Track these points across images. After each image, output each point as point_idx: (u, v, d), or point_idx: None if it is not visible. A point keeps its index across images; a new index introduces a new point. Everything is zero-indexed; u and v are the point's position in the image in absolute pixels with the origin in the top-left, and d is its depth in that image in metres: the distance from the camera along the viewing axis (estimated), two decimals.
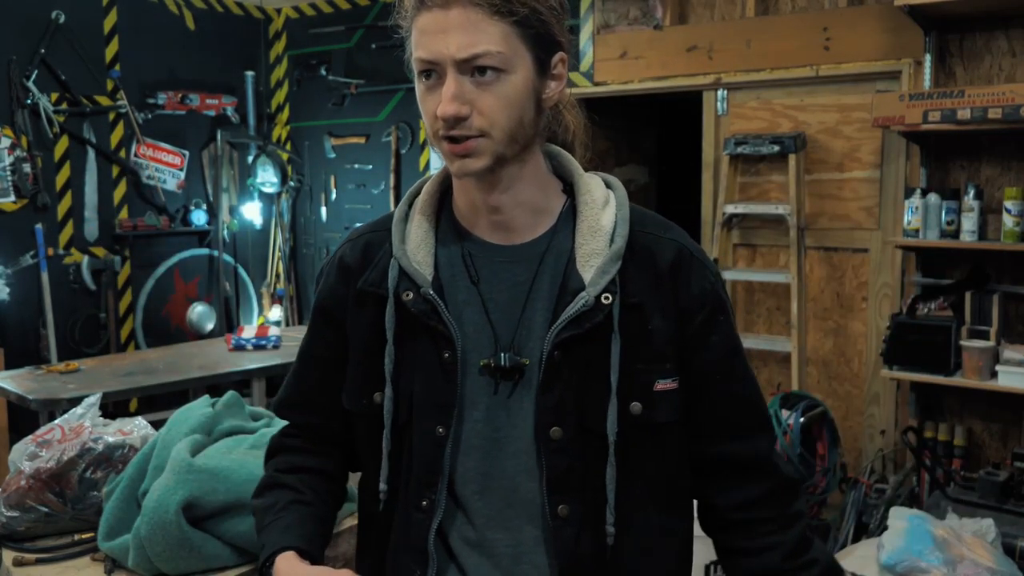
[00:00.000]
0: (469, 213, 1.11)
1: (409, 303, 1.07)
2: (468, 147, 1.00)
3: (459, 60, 0.97)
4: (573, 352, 1.04)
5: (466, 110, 0.98)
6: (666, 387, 1.07)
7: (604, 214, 1.09)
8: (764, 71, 3.66)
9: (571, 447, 1.04)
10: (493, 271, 1.09)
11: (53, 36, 4.52)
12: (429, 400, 1.08)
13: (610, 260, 1.05)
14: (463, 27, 0.96)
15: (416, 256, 1.10)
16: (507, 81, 0.99)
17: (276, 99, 5.70)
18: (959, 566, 2.32)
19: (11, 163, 4.36)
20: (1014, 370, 2.93)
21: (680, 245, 1.10)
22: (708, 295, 1.09)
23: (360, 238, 1.18)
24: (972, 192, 3.07)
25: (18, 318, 4.46)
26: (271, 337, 4.07)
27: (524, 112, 1.02)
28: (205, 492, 1.49)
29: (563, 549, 1.04)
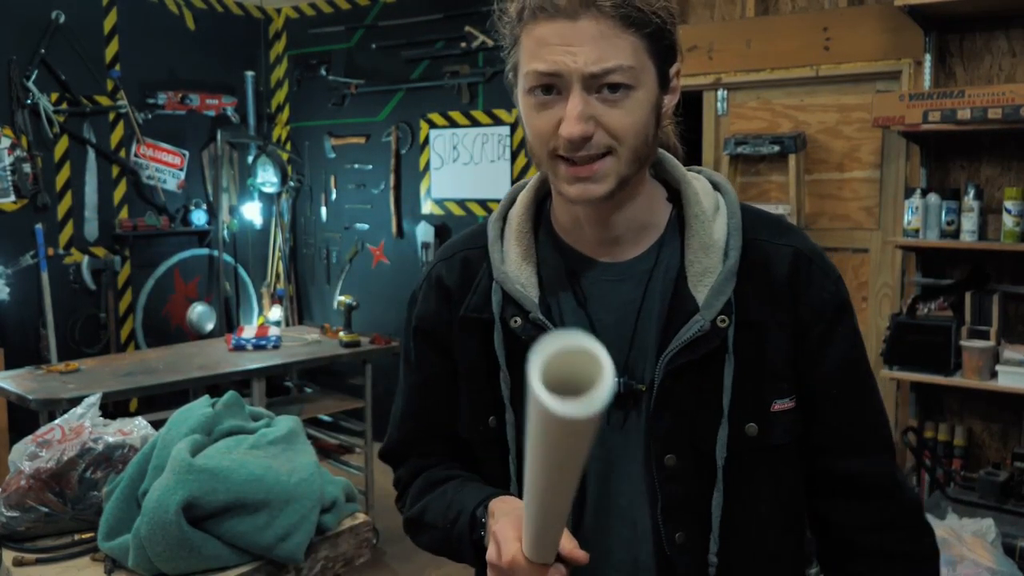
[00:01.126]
0: (572, 229, 1.04)
1: (517, 330, 1.01)
2: (592, 171, 0.92)
3: (588, 75, 0.89)
4: (685, 378, 0.98)
5: (592, 129, 0.90)
6: (783, 407, 1.00)
7: (715, 226, 1.01)
8: (764, 71, 3.66)
9: (686, 474, 0.99)
10: (600, 290, 1.02)
11: (53, 36, 4.52)
12: None
13: (725, 279, 0.97)
14: (593, 40, 0.88)
15: (519, 278, 1.03)
16: (634, 98, 0.91)
17: (276, 99, 5.70)
18: (959, 566, 2.32)
19: (11, 163, 4.36)
20: (1014, 370, 2.93)
21: (796, 250, 1.01)
22: (827, 304, 1.01)
23: (455, 256, 1.11)
24: (972, 192, 3.07)
25: (18, 318, 4.46)
26: (271, 337, 4.07)
27: (648, 129, 0.94)
28: (205, 492, 1.49)
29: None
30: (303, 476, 1.61)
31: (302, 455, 1.67)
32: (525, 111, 0.96)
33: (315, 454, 1.72)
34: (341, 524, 1.75)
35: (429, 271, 1.14)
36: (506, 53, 0.98)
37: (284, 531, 1.57)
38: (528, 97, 0.94)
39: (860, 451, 1.04)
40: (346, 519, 1.77)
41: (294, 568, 1.63)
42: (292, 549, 1.58)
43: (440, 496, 1.09)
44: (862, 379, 1.05)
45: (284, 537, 1.57)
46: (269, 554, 1.57)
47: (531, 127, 0.95)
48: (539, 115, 0.93)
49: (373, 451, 4.15)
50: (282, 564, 1.60)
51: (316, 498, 1.62)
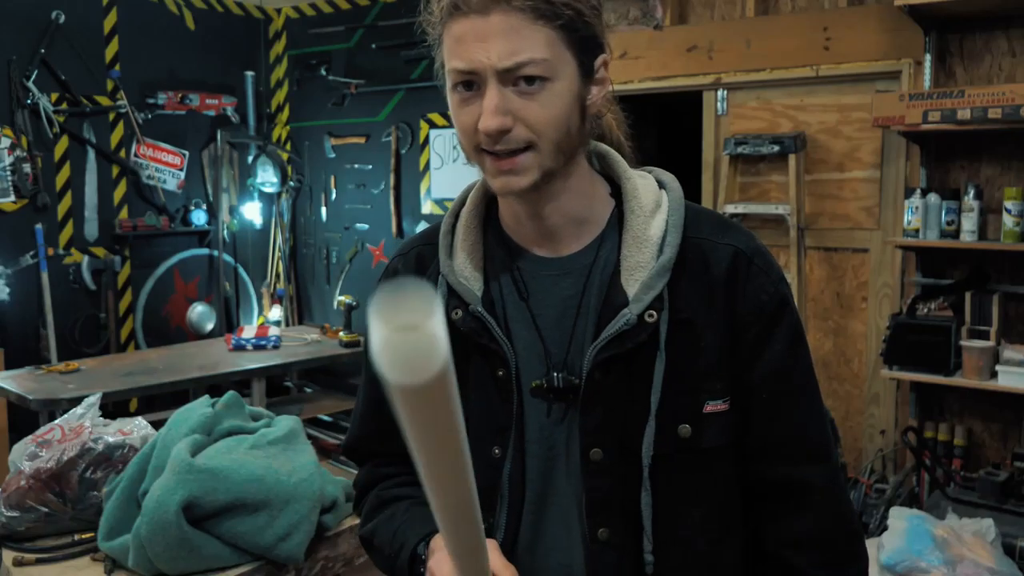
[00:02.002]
0: (515, 224, 1.06)
1: (458, 321, 1.02)
2: (514, 163, 0.93)
3: (501, 70, 0.90)
4: (615, 371, 0.98)
5: (509, 122, 0.92)
6: (716, 409, 0.99)
7: (653, 222, 1.01)
8: (764, 71, 3.66)
9: (612, 470, 0.99)
10: (542, 285, 1.03)
11: (53, 36, 4.52)
12: (485, 421, 1.03)
13: (656, 274, 0.97)
14: (504, 34, 0.90)
15: (463, 272, 1.04)
16: (552, 89, 0.92)
17: (276, 99, 5.70)
18: (959, 566, 2.32)
19: (11, 163, 4.36)
20: (1014, 370, 2.93)
21: (736, 250, 1.00)
22: (764, 306, 0.99)
23: (411, 251, 1.13)
24: (972, 192, 3.07)
25: (18, 318, 4.46)
26: (271, 337, 4.07)
27: (571, 121, 0.95)
28: (205, 492, 1.49)
29: (603, 573, 1.00)
30: (303, 476, 1.61)
31: (302, 455, 1.67)
32: (452, 108, 0.97)
33: (315, 454, 1.72)
34: (341, 524, 1.75)
35: (387, 266, 1.16)
36: (433, 52, 1.00)
37: (284, 531, 1.57)
38: (452, 94, 0.96)
39: (789, 459, 1.02)
40: (346, 519, 1.77)
41: (294, 568, 1.63)
42: (292, 549, 1.58)
43: (388, 520, 1.11)
44: (798, 385, 1.02)
45: (284, 537, 1.57)
46: (269, 554, 1.57)
47: (456, 123, 0.97)
48: (462, 111, 0.95)
49: None
50: (282, 564, 1.60)
51: (316, 498, 1.62)
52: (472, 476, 0.75)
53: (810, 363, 1.05)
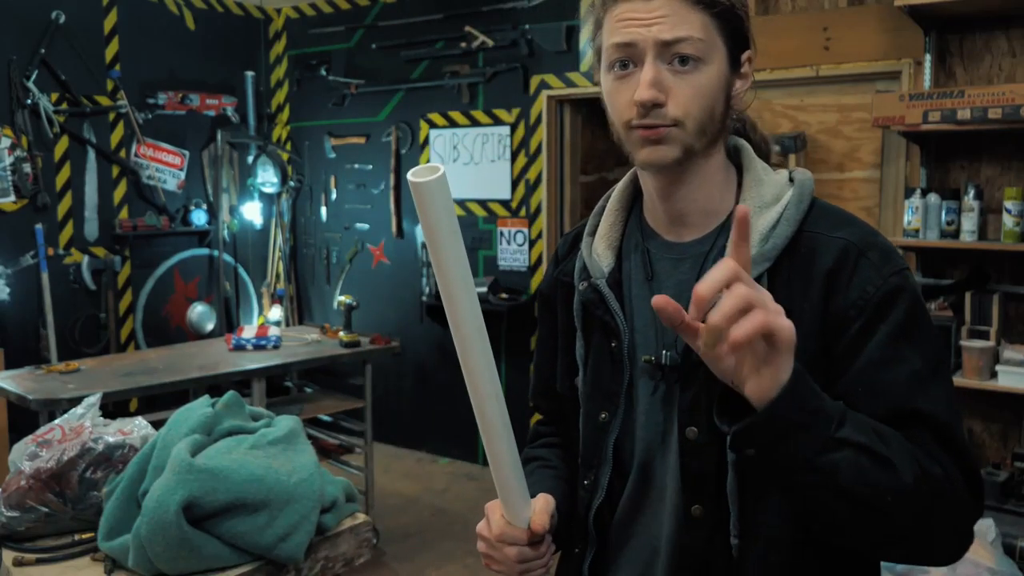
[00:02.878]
0: (651, 209, 1.12)
1: (581, 292, 1.11)
2: (661, 134, 0.98)
3: (662, 42, 0.96)
4: None
5: (663, 97, 0.97)
6: None
7: (765, 214, 1.03)
8: (764, 71, 3.66)
9: (706, 450, 1.00)
10: (664, 268, 1.09)
11: (53, 36, 4.52)
12: (597, 386, 1.11)
13: (754, 261, 0.98)
14: (666, 15, 0.97)
15: (597, 248, 1.13)
16: (703, 71, 0.99)
17: (276, 99, 5.70)
18: (959, 566, 2.32)
19: (11, 163, 4.36)
20: (1014, 370, 2.93)
21: (846, 243, 0.98)
22: (869, 299, 0.95)
23: (572, 232, 1.23)
24: (972, 192, 3.07)
25: (18, 318, 4.46)
26: (271, 337, 4.07)
27: (716, 105, 1.01)
28: (205, 492, 1.49)
29: (691, 551, 1.02)
30: (303, 476, 1.61)
31: (302, 455, 1.67)
32: (606, 88, 1.03)
33: (315, 454, 1.72)
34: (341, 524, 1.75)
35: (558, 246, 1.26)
36: (591, 40, 1.07)
37: (284, 531, 1.57)
38: (608, 74, 1.02)
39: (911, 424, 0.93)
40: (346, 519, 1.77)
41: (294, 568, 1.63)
42: (292, 549, 1.58)
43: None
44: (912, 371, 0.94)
45: (284, 537, 1.57)
46: (269, 554, 1.57)
47: (611, 102, 1.03)
48: (617, 89, 1.01)
49: (373, 451, 4.15)
50: (282, 564, 1.60)
51: (316, 498, 1.62)
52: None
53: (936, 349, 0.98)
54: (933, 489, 0.89)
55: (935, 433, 0.92)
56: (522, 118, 4.65)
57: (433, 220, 0.89)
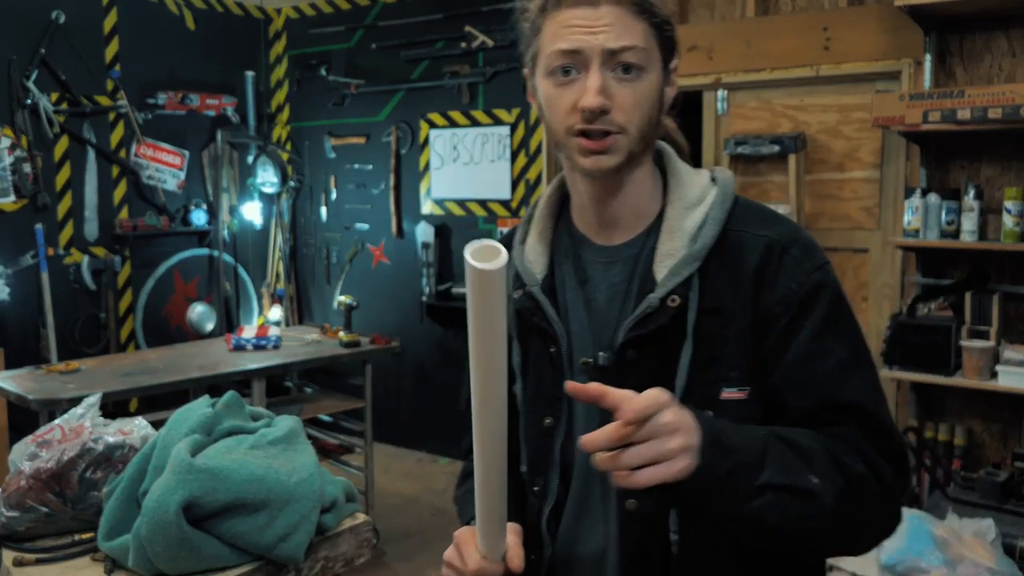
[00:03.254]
0: (580, 212, 1.14)
1: (517, 301, 1.12)
2: (605, 144, 1.00)
3: (608, 50, 0.98)
4: (646, 352, 1.04)
5: (609, 104, 0.99)
6: (732, 396, 1.01)
7: (691, 214, 1.06)
8: (764, 71, 3.66)
9: None
10: (596, 272, 1.11)
11: (53, 36, 4.52)
12: (539, 392, 1.13)
13: (684, 262, 1.02)
14: (612, 23, 0.99)
15: (529, 256, 1.14)
16: (645, 79, 1.01)
17: (276, 99, 5.70)
18: (959, 566, 2.32)
19: (11, 163, 4.36)
20: (1014, 370, 2.93)
21: (770, 240, 1.03)
22: (794, 296, 1.00)
23: (504, 239, 1.23)
24: (972, 192, 3.07)
25: (18, 318, 4.46)
26: (271, 337, 4.07)
27: (654, 112, 1.04)
28: (205, 492, 1.49)
29: (628, 545, 1.05)
30: (303, 476, 1.61)
31: (302, 455, 1.67)
32: (545, 93, 1.04)
33: (315, 454, 1.71)
34: (341, 524, 1.75)
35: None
36: (524, 47, 1.08)
37: (284, 531, 1.57)
38: (548, 79, 1.03)
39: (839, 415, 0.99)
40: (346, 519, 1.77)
41: (294, 568, 1.63)
42: (292, 549, 1.58)
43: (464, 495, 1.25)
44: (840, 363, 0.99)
45: (284, 537, 1.57)
46: (269, 554, 1.57)
47: (551, 107, 1.04)
48: (559, 95, 1.02)
49: (373, 451, 4.15)
50: (282, 564, 1.60)
51: (316, 498, 1.62)
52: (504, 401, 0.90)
53: (857, 340, 1.02)
54: (857, 496, 0.94)
55: (861, 421, 0.98)
56: (522, 118, 4.65)
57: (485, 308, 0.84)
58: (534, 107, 1.11)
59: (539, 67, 1.05)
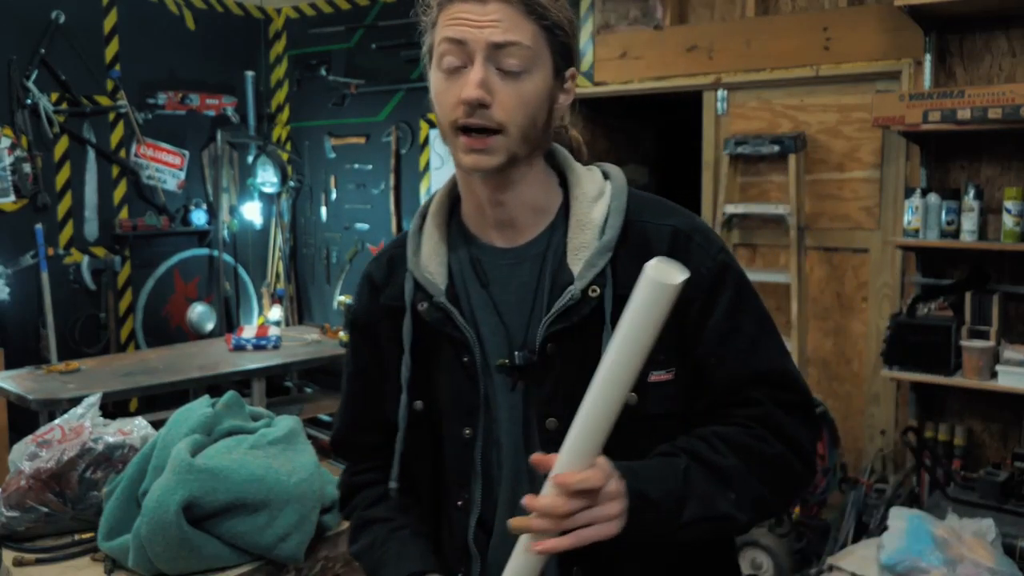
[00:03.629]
0: (476, 216, 1.13)
1: (424, 313, 1.10)
2: (485, 143, 1.01)
3: (492, 44, 0.99)
4: (567, 345, 1.06)
5: (489, 98, 1.00)
6: (660, 379, 1.06)
7: (595, 207, 1.09)
8: (764, 71, 3.66)
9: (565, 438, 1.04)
10: (501, 274, 1.11)
11: (53, 36, 4.52)
12: (455, 403, 1.11)
13: (598, 253, 1.06)
14: (499, 19, 1.00)
15: (429, 267, 1.12)
16: (529, 80, 1.02)
17: (276, 99, 5.70)
18: (959, 566, 2.32)
19: (11, 163, 4.36)
20: (1014, 370, 2.93)
21: (674, 229, 1.08)
22: (705, 278, 1.06)
23: (384, 255, 1.22)
24: (972, 192, 3.07)
25: (18, 318, 4.46)
26: (271, 337, 4.07)
27: (538, 114, 1.04)
28: (205, 492, 1.49)
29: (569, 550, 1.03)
30: (303, 476, 1.61)
31: (302, 455, 1.67)
32: (434, 85, 1.05)
33: (315, 454, 1.72)
34: (341, 524, 1.75)
35: (364, 271, 1.25)
36: (423, 39, 1.09)
37: (284, 531, 1.57)
38: (438, 72, 1.04)
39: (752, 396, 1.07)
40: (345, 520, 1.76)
41: (294, 568, 1.63)
42: (292, 549, 1.58)
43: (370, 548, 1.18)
44: (749, 334, 1.08)
45: (284, 537, 1.57)
46: (269, 554, 1.57)
47: (439, 99, 1.05)
48: (446, 88, 1.03)
49: None
50: (282, 564, 1.60)
51: (316, 498, 1.62)
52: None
53: (762, 313, 1.11)
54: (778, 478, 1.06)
55: (774, 383, 1.08)
56: None
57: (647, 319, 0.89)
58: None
59: (432, 59, 1.06)
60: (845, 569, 2.54)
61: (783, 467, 1.06)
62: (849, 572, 2.50)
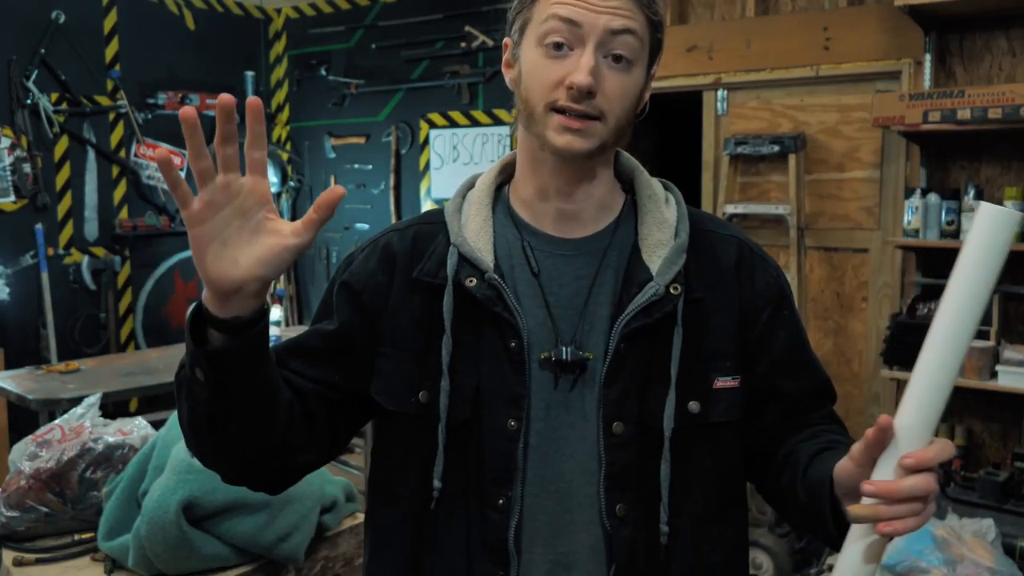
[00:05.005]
0: (535, 203, 1.08)
1: (473, 289, 1.02)
2: (585, 125, 0.98)
3: (609, 30, 0.97)
4: (637, 345, 1.02)
5: (596, 86, 0.97)
6: (726, 385, 1.04)
7: (667, 209, 1.10)
8: (764, 71, 3.66)
9: (631, 443, 1.01)
10: (554, 264, 1.06)
11: (53, 36, 4.52)
12: (499, 393, 1.02)
13: (676, 252, 1.05)
14: (618, 6, 0.97)
15: (477, 243, 1.05)
16: (633, 73, 1.00)
17: (276, 99, 5.70)
18: (959, 566, 2.32)
19: (11, 163, 4.36)
20: (1014, 370, 2.93)
21: (741, 241, 1.11)
22: (772, 290, 1.09)
23: (408, 228, 1.12)
24: (972, 192, 3.07)
25: (18, 318, 4.46)
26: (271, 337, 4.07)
27: (633, 106, 1.03)
28: (205, 492, 1.49)
29: (620, 550, 1.01)
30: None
31: None
32: (531, 62, 1.00)
33: None
34: (341, 524, 1.75)
35: (377, 237, 1.14)
36: (514, 12, 1.04)
37: (284, 531, 1.57)
38: (538, 49, 0.99)
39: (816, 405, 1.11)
40: (346, 519, 1.77)
41: (294, 568, 1.63)
42: (292, 549, 1.58)
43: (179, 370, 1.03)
44: (808, 350, 1.13)
45: (284, 537, 1.57)
46: (269, 554, 1.57)
47: (536, 77, 1.00)
48: (547, 66, 0.99)
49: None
50: (282, 564, 1.60)
51: (316, 498, 1.63)
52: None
53: (804, 329, 1.16)
54: None
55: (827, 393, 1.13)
56: None
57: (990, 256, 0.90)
58: (507, 78, 1.07)
59: (528, 34, 1.01)
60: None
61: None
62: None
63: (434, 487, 1.03)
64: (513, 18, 1.05)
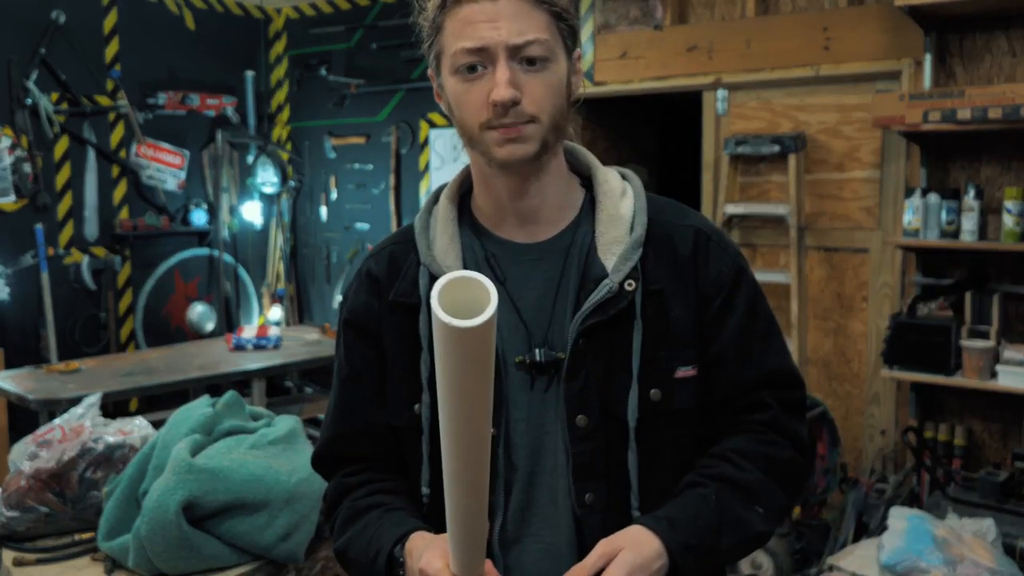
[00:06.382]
0: (493, 212, 1.12)
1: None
2: (520, 131, 1.01)
3: (512, 46, 0.99)
4: (597, 339, 1.05)
5: (519, 95, 1.00)
6: (686, 374, 1.08)
7: (623, 203, 1.11)
8: (764, 71, 3.66)
9: (596, 434, 1.05)
10: (520, 270, 1.10)
11: (53, 36, 4.52)
12: None
13: (631, 247, 1.07)
14: (514, 16, 0.99)
15: (445, 261, 1.10)
16: (552, 69, 1.02)
17: (276, 99, 5.70)
18: (959, 566, 2.32)
19: (11, 163, 4.36)
20: (1014, 370, 2.93)
21: (697, 229, 1.12)
22: (725, 277, 1.10)
23: (383, 251, 1.18)
24: (972, 192, 3.07)
25: (18, 318, 4.46)
26: (271, 337, 4.07)
27: (563, 100, 1.05)
28: (205, 492, 1.49)
29: (590, 537, 1.03)
30: (303, 476, 1.61)
31: (302, 455, 1.67)
32: (453, 90, 1.04)
33: None
34: None
35: (360, 268, 1.20)
36: (426, 45, 1.08)
37: (284, 531, 1.57)
38: (455, 77, 1.03)
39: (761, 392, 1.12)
40: None
41: (294, 568, 1.63)
42: (292, 549, 1.58)
43: (362, 531, 1.11)
44: (762, 334, 1.13)
45: (284, 537, 1.57)
46: (269, 554, 1.57)
47: (461, 105, 1.04)
48: (468, 91, 1.02)
49: None
50: (282, 564, 1.60)
51: (316, 498, 1.62)
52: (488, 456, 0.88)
53: (770, 313, 1.16)
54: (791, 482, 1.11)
55: (781, 383, 1.12)
56: None
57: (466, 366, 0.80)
58: (442, 107, 1.11)
59: (444, 65, 1.05)
60: (845, 569, 2.54)
61: (794, 468, 1.12)
62: (849, 572, 2.50)
63: (423, 494, 1.10)
64: (426, 52, 1.08)
